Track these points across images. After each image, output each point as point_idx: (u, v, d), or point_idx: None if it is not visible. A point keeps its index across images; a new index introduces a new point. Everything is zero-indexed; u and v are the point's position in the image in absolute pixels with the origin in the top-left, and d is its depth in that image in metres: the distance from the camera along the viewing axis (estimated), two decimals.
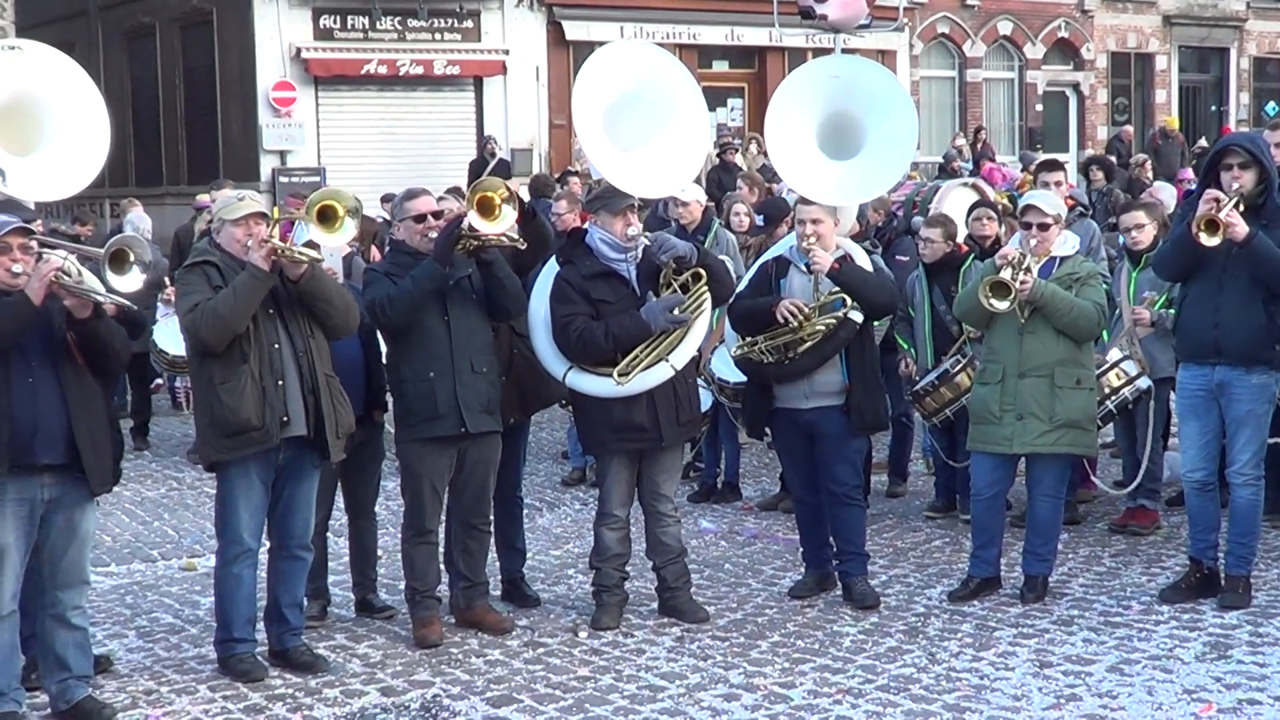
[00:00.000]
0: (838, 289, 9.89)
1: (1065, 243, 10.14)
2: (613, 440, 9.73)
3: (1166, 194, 14.54)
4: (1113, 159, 28.52)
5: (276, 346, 8.68)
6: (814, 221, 10.01)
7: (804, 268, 10.01)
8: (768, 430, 10.50)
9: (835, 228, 10.19)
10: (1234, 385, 9.56)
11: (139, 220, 17.49)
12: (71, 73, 9.30)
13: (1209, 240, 9.23)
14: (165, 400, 19.26)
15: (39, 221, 8.86)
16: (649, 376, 9.53)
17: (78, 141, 9.18)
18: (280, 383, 8.66)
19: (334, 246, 9.10)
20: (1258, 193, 9.50)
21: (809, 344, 9.90)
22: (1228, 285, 9.47)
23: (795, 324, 9.87)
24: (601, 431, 9.74)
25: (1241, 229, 9.26)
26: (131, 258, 8.24)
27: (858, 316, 9.91)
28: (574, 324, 9.52)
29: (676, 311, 9.54)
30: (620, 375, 9.48)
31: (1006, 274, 9.63)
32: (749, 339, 10.12)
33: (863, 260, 10.23)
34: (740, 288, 10.47)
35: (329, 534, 10.41)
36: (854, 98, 10.61)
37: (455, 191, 14.02)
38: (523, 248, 9.51)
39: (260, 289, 8.53)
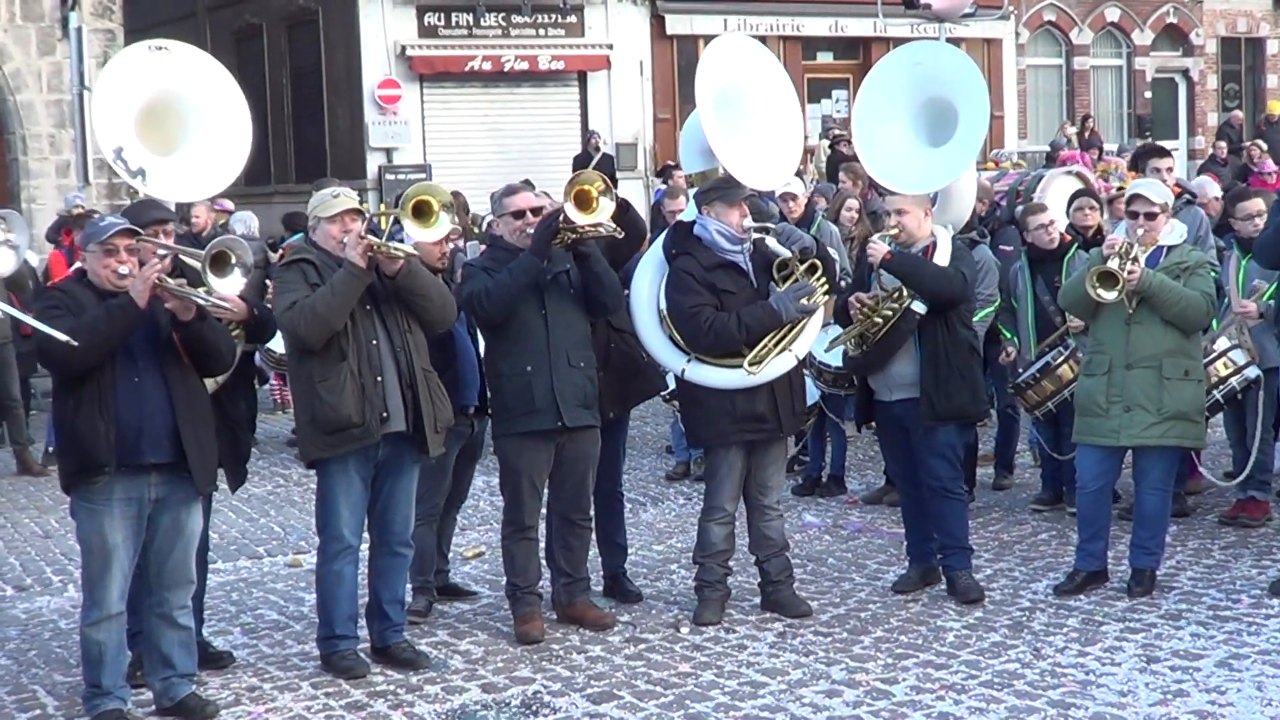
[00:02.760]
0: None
1: (1172, 231, 9.99)
2: (734, 431, 9.65)
3: (1212, 188, 14.30)
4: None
5: (375, 342, 8.69)
6: (898, 212, 9.99)
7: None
8: (871, 423, 10.46)
9: (927, 217, 10.11)
10: None
11: (250, 219, 17.58)
12: (217, 74, 9.37)
13: None
14: (271, 398, 19.39)
15: (170, 225, 8.85)
16: (777, 366, 9.51)
17: (219, 143, 9.26)
18: (379, 379, 8.67)
19: (429, 241, 9.09)
20: None
21: (878, 336, 9.89)
22: None
23: (861, 316, 9.84)
24: (723, 423, 9.63)
25: None
26: (233, 259, 8.29)
27: (920, 307, 9.82)
28: (704, 314, 9.46)
29: (806, 301, 9.49)
30: (752, 365, 9.42)
31: (1114, 264, 9.50)
32: (844, 332, 10.15)
33: (943, 250, 10.10)
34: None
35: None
36: (942, 83, 10.58)
37: None
38: (620, 237, 9.48)
39: (358, 285, 8.54)
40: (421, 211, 8.86)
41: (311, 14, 33.79)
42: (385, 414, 8.69)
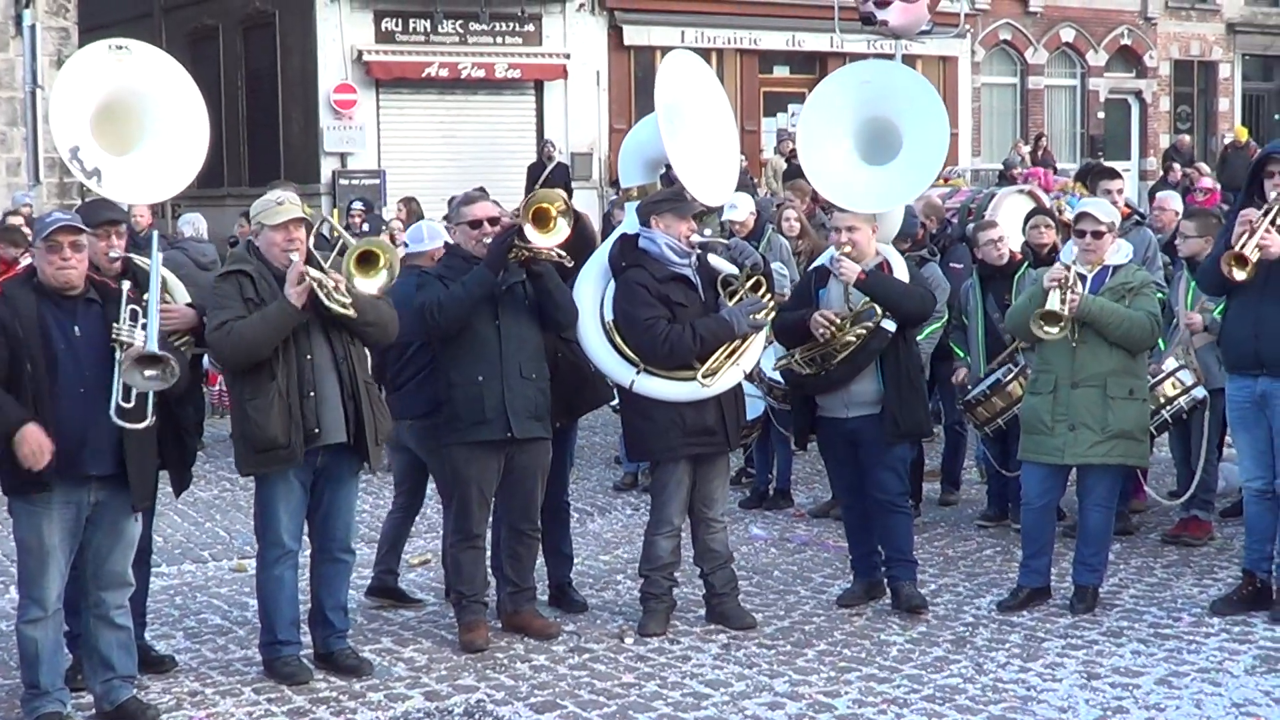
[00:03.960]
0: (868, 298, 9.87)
1: (1119, 251, 10.05)
2: (683, 445, 9.64)
3: (1174, 202, 14.45)
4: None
5: (309, 357, 8.65)
6: (849, 229, 9.96)
7: (837, 275, 9.98)
8: (813, 438, 10.49)
9: (874, 235, 10.13)
10: (1276, 397, 9.47)
11: (198, 221, 17.48)
12: (176, 75, 9.25)
13: (1239, 274, 9.16)
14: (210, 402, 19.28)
15: (122, 226, 8.77)
16: (731, 377, 9.55)
17: (175, 145, 9.12)
18: (312, 394, 8.63)
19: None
20: None
21: (842, 355, 9.87)
22: (1268, 298, 9.36)
23: (828, 335, 9.84)
24: (673, 436, 9.62)
25: (1276, 248, 9.17)
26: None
27: (890, 325, 9.84)
28: (659, 327, 9.46)
29: (757, 316, 9.52)
30: (706, 377, 9.44)
31: (1054, 301, 9.55)
32: (789, 351, 10.13)
33: (900, 267, 10.16)
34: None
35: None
36: (887, 102, 10.55)
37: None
38: (570, 265, 9.49)
39: (291, 322, 8.55)
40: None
41: (268, 17, 33.73)
42: (317, 429, 8.65)
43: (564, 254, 9.34)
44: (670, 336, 9.44)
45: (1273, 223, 9.22)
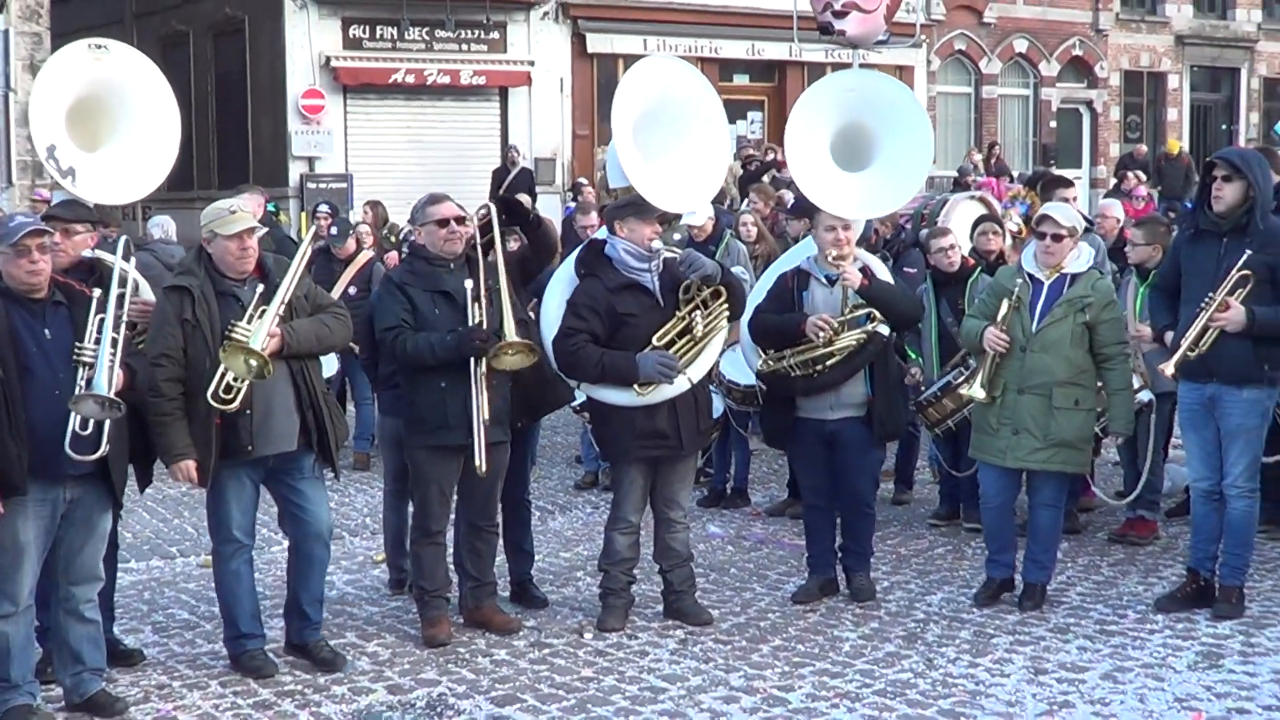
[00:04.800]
0: (862, 302, 9.89)
1: (1079, 258, 10.04)
2: (635, 448, 9.68)
3: (1116, 210, 14.56)
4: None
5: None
6: (844, 228, 9.99)
7: (824, 280, 9.99)
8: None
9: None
10: (1226, 400, 9.54)
11: (168, 224, 17.40)
12: (152, 76, 9.16)
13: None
14: None
15: (81, 226, 8.69)
16: (668, 389, 9.51)
17: (145, 145, 9.02)
18: (249, 411, 8.59)
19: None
20: (1242, 210, 9.44)
21: (838, 358, 9.90)
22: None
23: (824, 339, 9.86)
24: (624, 439, 9.68)
25: (1238, 324, 9.27)
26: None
27: (885, 330, 9.90)
28: (574, 340, 9.49)
29: (663, 368, 9.45)
30: (641, 386, 9.46)
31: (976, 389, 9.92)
32: (776, 353, 10.09)
33: (882, 271, 10.22)
34: (758, 299, 10.44)
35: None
36: (867, 111, 10.57)
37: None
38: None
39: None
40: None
41: (238, 23, 33.64)
42: (250, 446, 8.66)
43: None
44: (576, 353, 9.49)
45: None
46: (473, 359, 9.17)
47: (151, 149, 9.06)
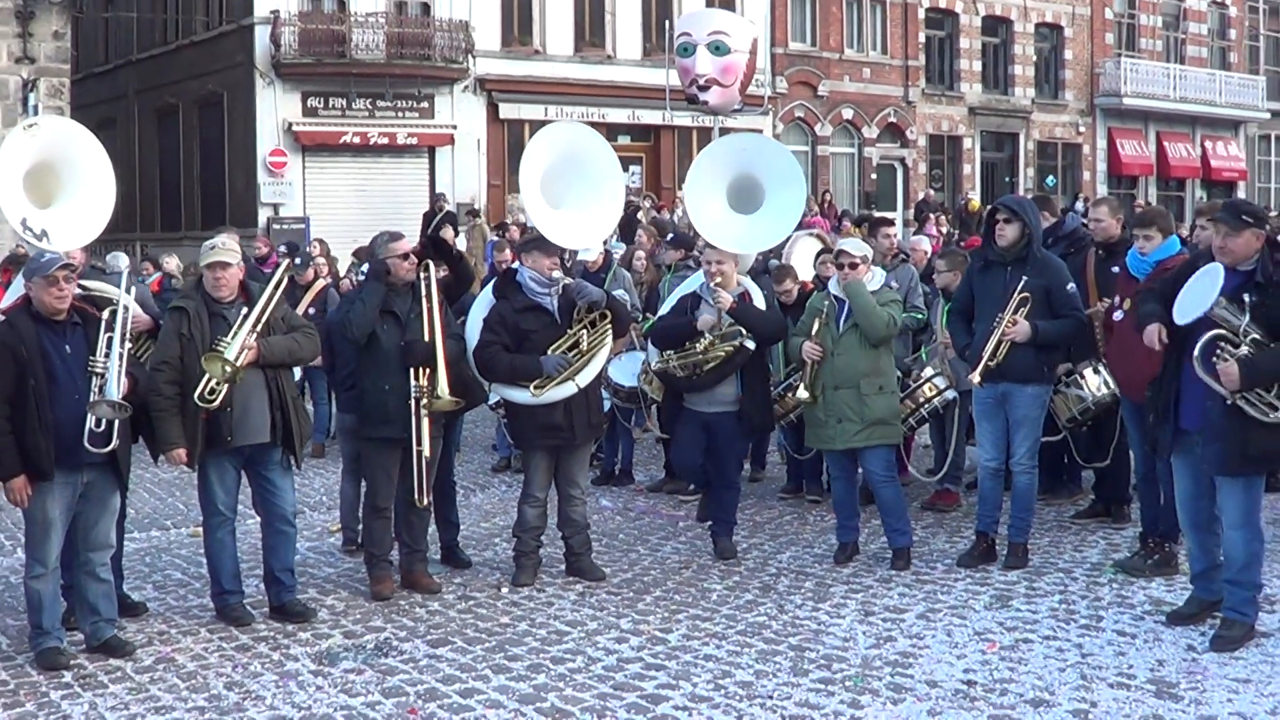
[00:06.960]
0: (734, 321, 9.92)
1: (873, 279, 10.12)
2: (537, 438, 9.65)
3: (924, 244, 14.69)
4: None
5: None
6: (718, 263, 10.02)
7: (710, 302, 10.00)
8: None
9: (735, 268, 10.20)
10: (1014, 395, 9.63)
11: (116, 260, 16.64)
12: (82, 137, 8.91)
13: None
14: None
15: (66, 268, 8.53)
16: (558, 391, 9.48)
17: (91, 192, 8.78)
18: (229, 409, 8.52)
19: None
20: (1021, 245, 9.59)
21: (712, 365, 9.91)
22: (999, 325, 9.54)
23: (701, 348, 9.88)
24: (530, 431, 9.64)
25: (1025, 335, 9.44)
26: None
27: (750, 344, 9.91)
28: (490, 348, 9.50)
29: (563, 370, 9.47)
30: (536, 389, 9.44)
31: (804, 394, 10.01)
32: (666, 355, 10.14)
33: (758, 296, 10.24)
34: (663, 312, 10.54)
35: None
36: (756, 166, 10.58)
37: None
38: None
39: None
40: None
41: (218, 96, 33.95)
42: (229, 437, 8.59)
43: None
44: (490, 358, 9.49)
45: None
46: (410, 370, 9.18)
47: (96, 194, 8.78)
